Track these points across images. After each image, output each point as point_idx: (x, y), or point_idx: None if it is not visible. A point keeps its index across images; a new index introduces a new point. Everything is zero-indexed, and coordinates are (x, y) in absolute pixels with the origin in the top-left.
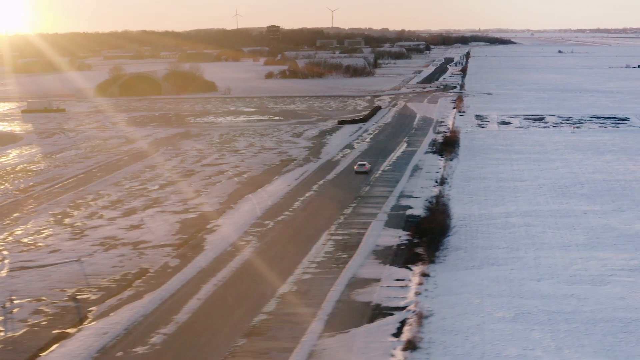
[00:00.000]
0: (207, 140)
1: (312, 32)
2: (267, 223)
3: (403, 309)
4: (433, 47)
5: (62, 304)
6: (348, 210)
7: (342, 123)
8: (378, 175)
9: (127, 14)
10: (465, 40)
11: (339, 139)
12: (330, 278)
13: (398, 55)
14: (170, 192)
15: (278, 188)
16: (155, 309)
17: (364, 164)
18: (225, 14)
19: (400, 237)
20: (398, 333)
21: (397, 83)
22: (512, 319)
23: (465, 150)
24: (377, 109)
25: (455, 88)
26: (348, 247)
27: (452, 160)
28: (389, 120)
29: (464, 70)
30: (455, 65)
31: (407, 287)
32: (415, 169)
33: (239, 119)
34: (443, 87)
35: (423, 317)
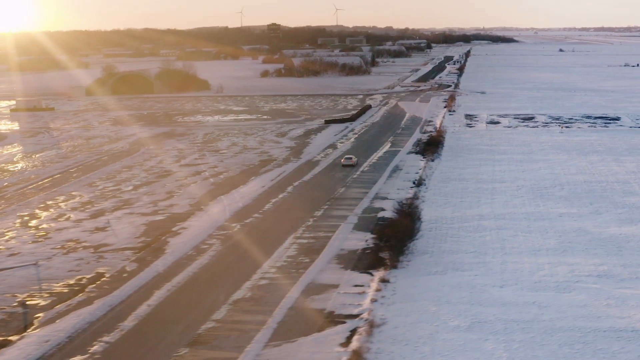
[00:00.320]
0: (190, 140)
1: (314, 30)
2: (234, 226)
3: (356, 317)
4: (435, 45)
5: (10, 310)
6: (319, 213)
7: (328, 122)
8: (356, 176)
9: (133, 12)
10: (468, 39)
11: (323, 139)
12: (288, 284)
13: (397, 54)
14: (143, 193)
15: (252, 189)
16: (103, 316)
17: (351, 158)
18: (231, 12)
19: (367, 240)
20: (347, 343)
21: (392, 82)
22: (466, 328)
23: (449, 151)
24: (366, 108)
25: (450, 87)
26: (312, 251)
27: (433, 161)
28: (377, 120)
29: (461, 69)
30: (454, 64)
31: (364, 293)
32: (395, 170)
33: (227, 118)
34: (437, 85)
35: (374, 325)
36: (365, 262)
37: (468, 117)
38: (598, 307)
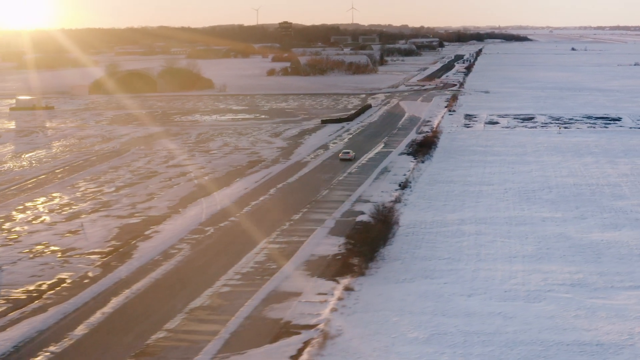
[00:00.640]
0: (182, 140)
1: (327, 28)
2: (207, 229)
3: (312, 328)
4: (447, 44)
5: None
6: (297, 216)
7: (325, 122)
8: (342, 178)
9: (150, 10)
10: (481, 37)
11: (317, 139)
12: (249, 291)
13: (408, 52)
14: (124, 195)
15: (234, 191)
16: (54, 324)
17: (348, 152)
18: (248, 10)
19: (340, 246)
20: (297, 355)
21: (397, 81)
22: (425, 341)
23: (442, 152)
24: (366, 108)
25: (455, 86)
26: (282, 256)
27: (423, 162)
28: (375, 120)
29: (469, 68)
30: (463, 63)
31: (325, 302)
32: (383, 172)
33: (224, 118)
34: (442, 85)
35: (329, 337)
36: (334, 268)
37: (467, 117)
38: (566, 318)
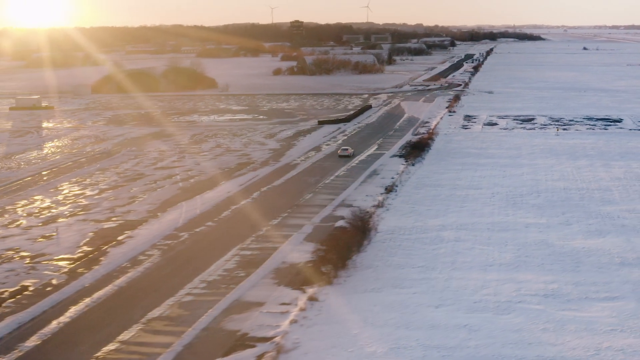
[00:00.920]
0: (175, 141)
1: (341, 27)
2: (182, 235)
3: (269, 340)
4: (460, 43)
5: None
6: (276, 221)
7: (322, 123)
8: (328, 181)
9: (166, 8)
10: (494, 37)
11: (310, 141)
12: (212, 301)
13: (417, 52)
14: (106, 198)
15: (217, 195)
16: (7, 335)
17: (347, 149)
18: (263, 8)
19: (313, 252)
20: None
21: (402, 80)
22: (382, 355)
23: (435, 154)
24: (366, 109)
25: (460, 86)
26: (252, 264)
27: (414, 165)
28: (373, 121)
29: (477, 68)
30: (472, 62)
31: (287, 313)
32: (372, 175)
33: (222, 118)
34: (447, 84)
35: (283, 351)
36: (303, 277)
37: (467, 118)
38: (533, 331)
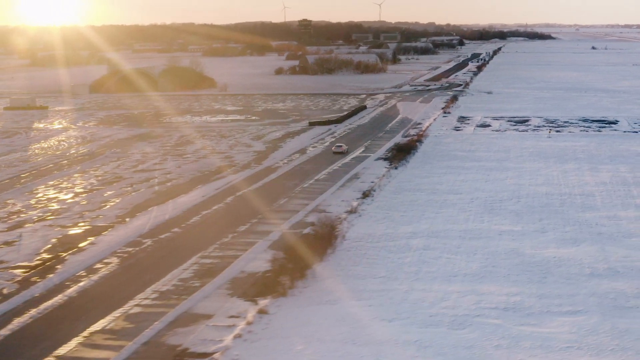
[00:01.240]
0: (162, 143)
1: (350, 26)
2: (145, 242)
3: (208, 356)
4: (469, 42)
5: None
6: (244, 227)
7: (313, 124)
8: (306, 186)
9: (180, 6)
10: (504, 36)
11: (297, 143)
12: (159, 313)
13: (424, 51)
14: (78, 202)
15: (190, 199)
16: None
17: (341, 145)
18: (277, 7)
19: (275, 261)
20: None
21: (403, 80)
22: None
23: (420, 157)
24: (360, 109)
25: (461, 86)
26: (209, 273)
27: (397, 169)
28: (365, 122)
29: (480, 67)
30: (477, 62)
31: (234, 327)
32: (352, 178)
33: (214, 119)
34: (448, 85)
35: None
36: (258, 287)
37: (461, 119)
38: (485, 348)
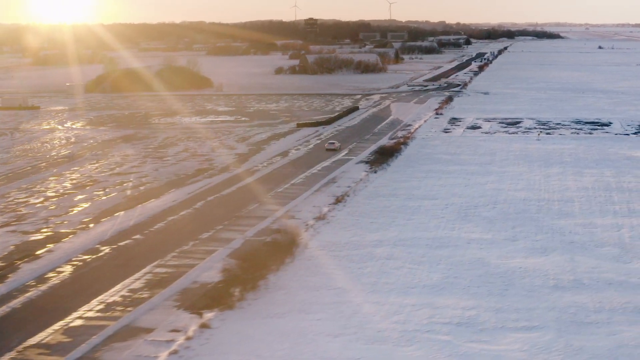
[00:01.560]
0: (145, 145)
1: (358, 25)
2: (103, 249)
3: None
4: (475, 41)
5: None
6: (207, 235)
7: (301, 126)
8: (280, 190)
9: (192, 4)
10: (512, 35)
11: (281, 145)
12: (100, 326)
13: (428, 50)
14: (47, 206)
15: (160, 204)
16: None
17: (334, 143)
18: (289, 5)
19: (226, 272)
20: None
21: (402, 80)
22: None
23: (403, 160)
24: (352, 110)
25: (459, 86)
26: (161, 283)
27: (376, 173)
28: (354, 124)
29: (482, 67)
30: (481, 61)
31: (172, 342)
32: (329, 183)
33: (204, 120)
34: (446, 85)
35: None
36: (207, 299)
37: (452, 121)
38: None
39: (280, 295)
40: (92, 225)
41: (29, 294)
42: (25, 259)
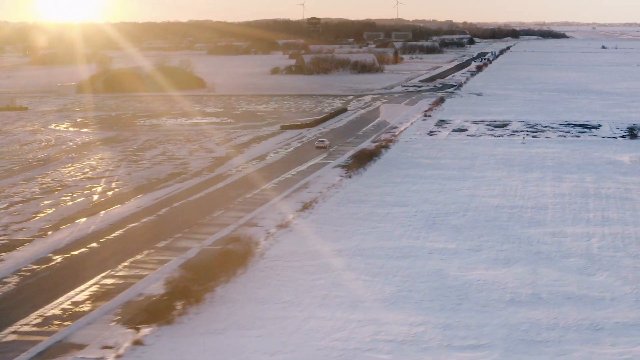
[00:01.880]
0: (123, 147)
1: (362, 24)
2: (55, 259)
3: None
4: (479, 40)
5: None
6: (164, 243)
7: (285, 128)
8: (250, 196)
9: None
10: (517, 34)
11: (261, 148)
12: (32, 342)
13: (430, 50)
14: (10, 212)
15: (125, 210)
16: None
17: (323, 141)
18: (297, 3)
19: (169, 284)
20: None
21: (397, 81)
22: None
23: (381, 165)
24: (339, 112)
25: (454, 87)
26: (105, 295)
27: (351, 178)
28: (339, 126)
29: (481, 67)
30: (481, 61)
31: (102, 359)
32: (300, 188)
33: (189, 122)
34: (441, 85)
35: None
36: (148, 313)
37: (439, 123)
38: None
39: (224, 309)
40: (50, 233)
41: None
42: None
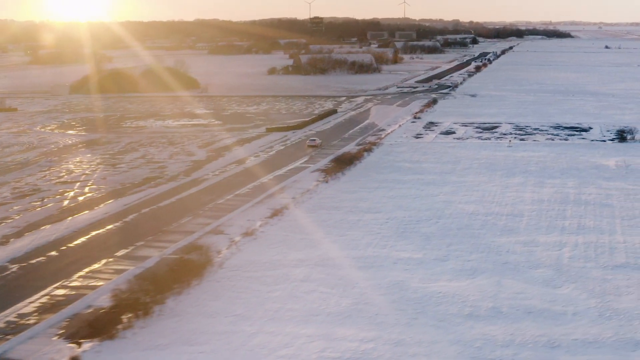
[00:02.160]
0: (104, 150)
1: (366, 23)
2: (11, 267)
3: None
4: (482, 40)
5: None
6: (124, 252)
7: (270, 130)
8: (221, 202)
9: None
10: (521, 34)
11: (243, 151)
12: None
13: (431, 50)
14: None
15: (92, 216)
16: None
17: (315, 139)
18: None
19: (116, 296)
20: None
21: (393, 82)
22: None
23: (361, 169)
24: (329, 114)
25: (449, 88)
26: (54, 307)
27: (327, 182)
28: (326, 128)
29: (479, 68)
30: (481, 62)
31: None
32: (275, 193)
33: (175, 123)
34: (437, 86)
35: None
36: (93, 327)
37: (428, 125)
38: None
39: (172, 323)
40: (12, 240)
41: None
42: None
